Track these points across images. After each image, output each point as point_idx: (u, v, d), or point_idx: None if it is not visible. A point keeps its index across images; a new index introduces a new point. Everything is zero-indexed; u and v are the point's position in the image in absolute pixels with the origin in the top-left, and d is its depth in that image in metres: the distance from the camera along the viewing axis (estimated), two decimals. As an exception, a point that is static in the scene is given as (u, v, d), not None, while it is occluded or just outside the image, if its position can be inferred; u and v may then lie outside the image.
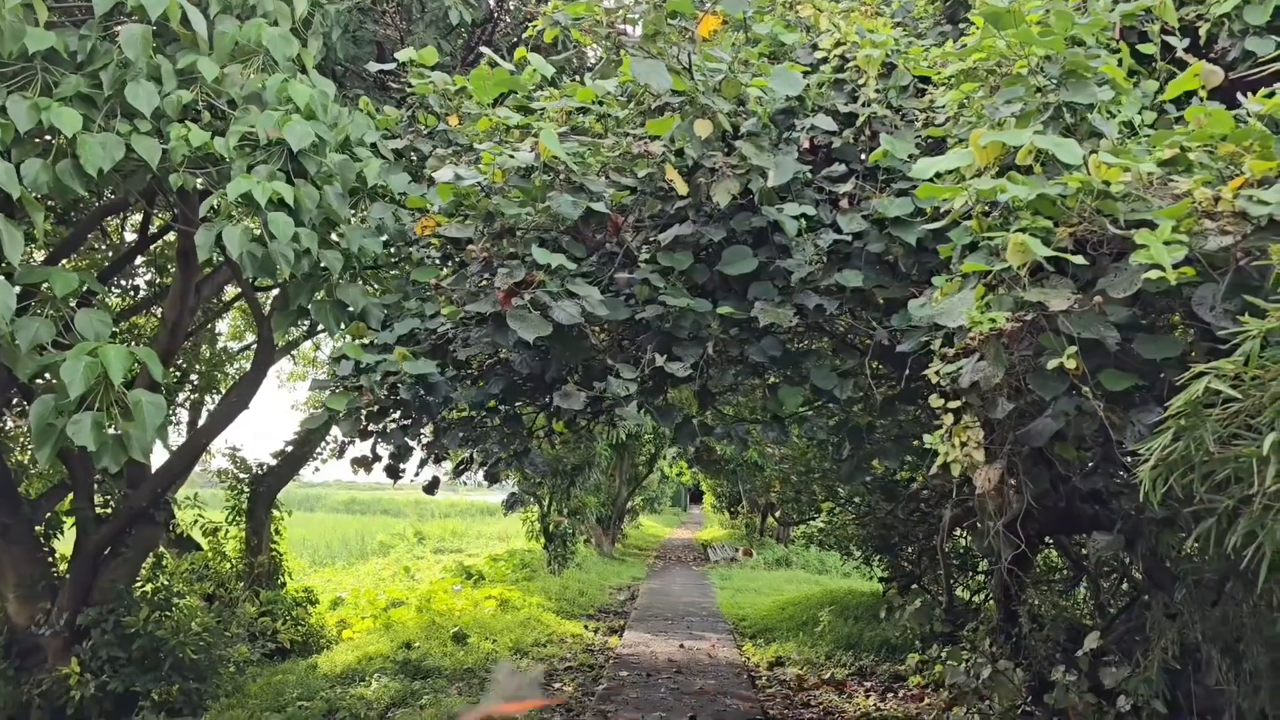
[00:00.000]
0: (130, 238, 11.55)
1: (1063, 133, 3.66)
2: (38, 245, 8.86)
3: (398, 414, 5.36)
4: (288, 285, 5.17)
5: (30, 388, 7.15)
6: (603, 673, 10.75)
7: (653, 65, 4.33)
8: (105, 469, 4.19)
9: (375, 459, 5.65)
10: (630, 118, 5.17)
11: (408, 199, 5.34)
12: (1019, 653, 6.02)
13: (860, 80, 4.83)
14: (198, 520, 11.78)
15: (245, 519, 12.65)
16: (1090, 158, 3.24)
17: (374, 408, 5.07)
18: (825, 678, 10.57)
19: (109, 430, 4.15)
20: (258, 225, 4.55)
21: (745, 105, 4.67)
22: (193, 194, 5.02)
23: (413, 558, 23.20)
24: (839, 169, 4.84)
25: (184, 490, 11.23)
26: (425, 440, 5.83)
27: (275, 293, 10.69)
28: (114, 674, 8.03)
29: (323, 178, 4.86)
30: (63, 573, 8.75)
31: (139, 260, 11.58)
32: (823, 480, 12.41)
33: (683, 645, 12.75)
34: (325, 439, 13.44)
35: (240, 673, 9.30)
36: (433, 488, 6.18)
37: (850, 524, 12.82)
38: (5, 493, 8.45)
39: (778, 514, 27.04)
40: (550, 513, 19.26)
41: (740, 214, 4.73)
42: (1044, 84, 3.80)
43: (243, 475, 12.95)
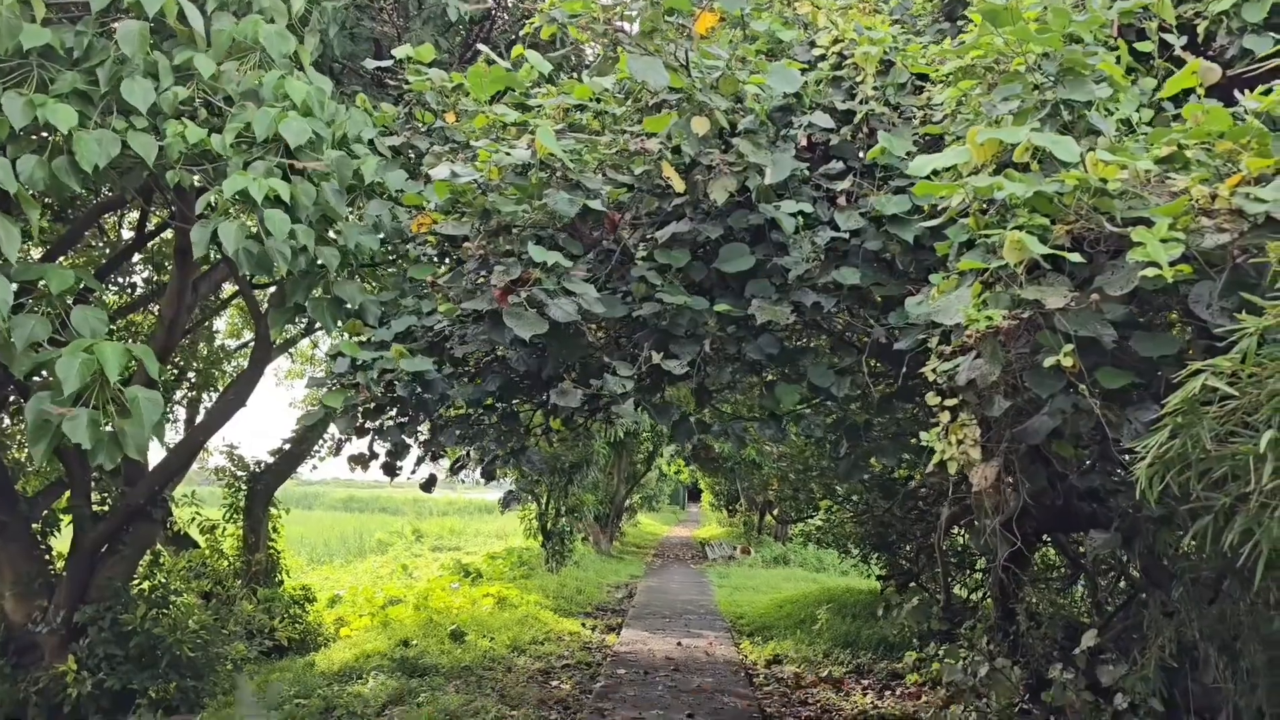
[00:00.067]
0: (127, 235, 11.57)
1: (1060, 130, 3.66)
2: (34, 242, 8.84)
3: (394, 411, 5.35)
4: (285, 282, 5.16)
5: (26, 385, 7.15)
6: (600, 670, 10.75)
7: (650, 62, 4.32)
8: (102, 466, 4.18)
9: (372, 456, 5.66)
10: (627, 115, 5.15)
11: (405, 196, 5.33)
12: (1016, 650, 6.02)
13: (858, 78, 4.82)
14: (195, 518, 11.79)
15: (243, 517, 12.67)
16: (1087, 155, 3.23)
17: (371, 405, 5.06)
18: (823, 675, 10.58)
19: (105, 427, 4.13)
20: (254, 222, 4.54)
21: (743, 102, 4.66)
22: (190, 191, 5.01)
23: (410, 555, 23.23)
24: (836, 166, 4.83)
25: (181, 488, 11.24)
26: (422, 438, 5.83)
27: (272, 290, 10.69)
28: (111, 671, 8.04)
29: (319, 175, 4.86)
30: (60, 570, 8.75)
31: (136, 257, 11.59)
32: (820, 478, 12.40)
33: (680, 643, 12.75)
34: (323, 436, 13.44)
35: (238, 670, 9.30)
36: (429, 485, 6.17)
37: (848, 522, 12.84)
38: (2, 490, 8.46)
39: (775, 512, 27.04)
40: (548, 511, 19.26)
41: (737, 211, 4.72)
42: (1041, 81, 3.79)
43: (240, 473, 12.96)
